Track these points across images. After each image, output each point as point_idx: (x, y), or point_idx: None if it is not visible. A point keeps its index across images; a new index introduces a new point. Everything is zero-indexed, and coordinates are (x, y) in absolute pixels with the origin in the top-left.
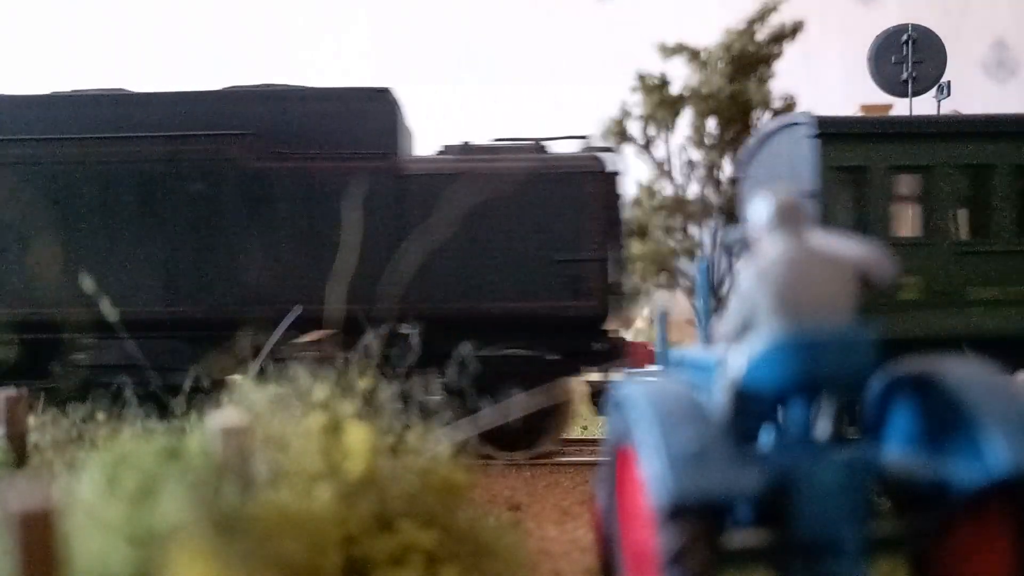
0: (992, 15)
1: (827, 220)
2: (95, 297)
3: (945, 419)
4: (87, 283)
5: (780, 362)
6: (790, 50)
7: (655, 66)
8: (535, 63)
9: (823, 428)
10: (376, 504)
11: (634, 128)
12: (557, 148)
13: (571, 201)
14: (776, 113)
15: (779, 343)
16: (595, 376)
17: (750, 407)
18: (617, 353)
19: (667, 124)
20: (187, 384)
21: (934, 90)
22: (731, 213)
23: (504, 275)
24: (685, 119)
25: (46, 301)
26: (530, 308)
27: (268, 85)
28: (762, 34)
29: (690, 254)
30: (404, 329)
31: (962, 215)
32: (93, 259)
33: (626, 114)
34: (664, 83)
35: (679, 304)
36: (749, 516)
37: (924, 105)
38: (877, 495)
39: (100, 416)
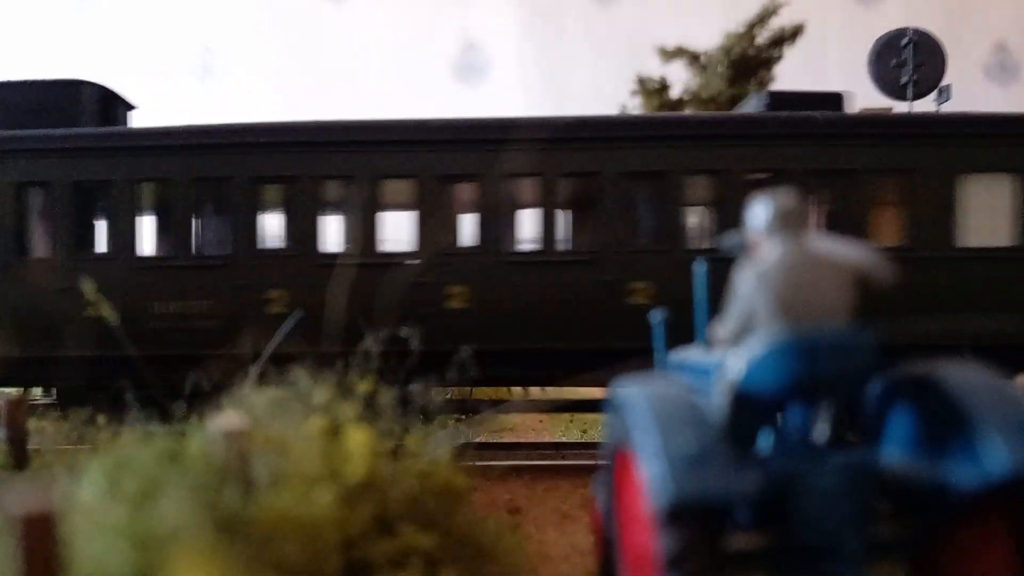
0: (993, 18)
1: None
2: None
3: (944, 422)
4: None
5: (779, 365)
6: (790, 53)
7: (655, 69)
8: (535, 65)
9: (822, 431)
10: (376, 507)
11: None
12: None
13: None
14: None
15: (778, 346)
16: None
17: (749, 410)
18: None
19: None
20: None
21: (935, 93)
22: None
23: None
24: None
25: None
26: None
27: None
28: (762, 37)
29: None
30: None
31: None
32: None
33: None
34: (664, 86)
35: None
36: (748, 519)
37: (925, 108)
38: (876, 498)
39: (101, 419)
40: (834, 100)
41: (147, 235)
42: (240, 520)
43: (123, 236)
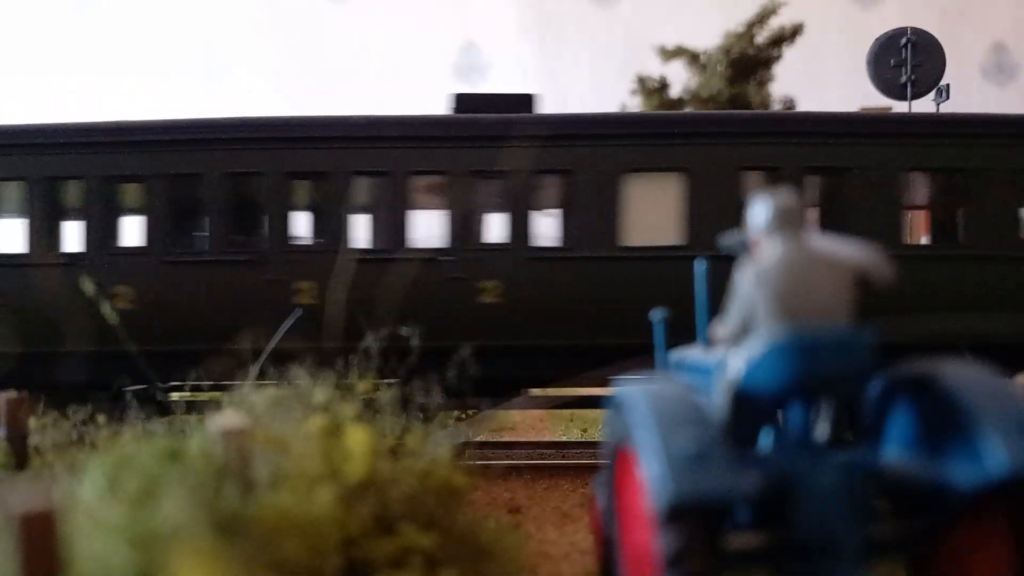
0: (991, 19)
1: None
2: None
3: (943, 421)
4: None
5: (779, 364)
6: (789, 53)
7: (655, 69)
8: (535, 66)
9: (822, 430)
10: (376, 506)
11: None
12: None
13: None
14: None
15: (778, 345)
16: None
17: (749, 409)
18: None
19: None
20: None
21: (933, 93)
22: None
23: None
24: None
25: None
26: None
27: None
28: (761, 37)
29: None
30: (403, 331)
31: None
32: None
33: None
34: (664, 86)
35: None
36: (748, 518)
37: (924, 108)
38: (876, 498)
39: (101, 418)
40: (524, 102)
41: None
42: (240, 520)
43: None
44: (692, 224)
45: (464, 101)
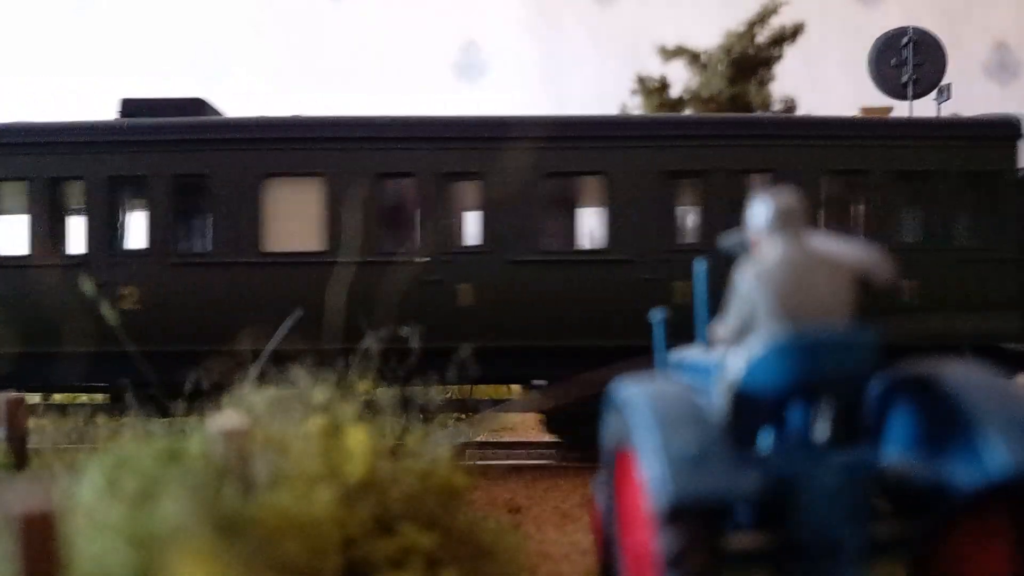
0: (993, 17)
1: None
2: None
3: (944, 421)
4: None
5: (779, 364)
6: (790, 52)
7: (655, 69)
8: (535, 64)
9: (822, 430)
10: (376, 507)
11: None
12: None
13: None
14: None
15: (778, 345)
16: None
17: (749, 409)
18: None
19: None
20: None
21: (934, 92)
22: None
23: None
24: None
25: None
26: None
27: None
28: (762, 36)
29: None
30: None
31: None
32: None
33: None
34: (664, 86)
35: None
36: (749, 518)
37: (925, 108)
38: (877, 498)
39: (100, 418)
40: (195, 106)
41: None
42: (240, 520)
43: None
44: (332, 230)
45: (131, 106)
